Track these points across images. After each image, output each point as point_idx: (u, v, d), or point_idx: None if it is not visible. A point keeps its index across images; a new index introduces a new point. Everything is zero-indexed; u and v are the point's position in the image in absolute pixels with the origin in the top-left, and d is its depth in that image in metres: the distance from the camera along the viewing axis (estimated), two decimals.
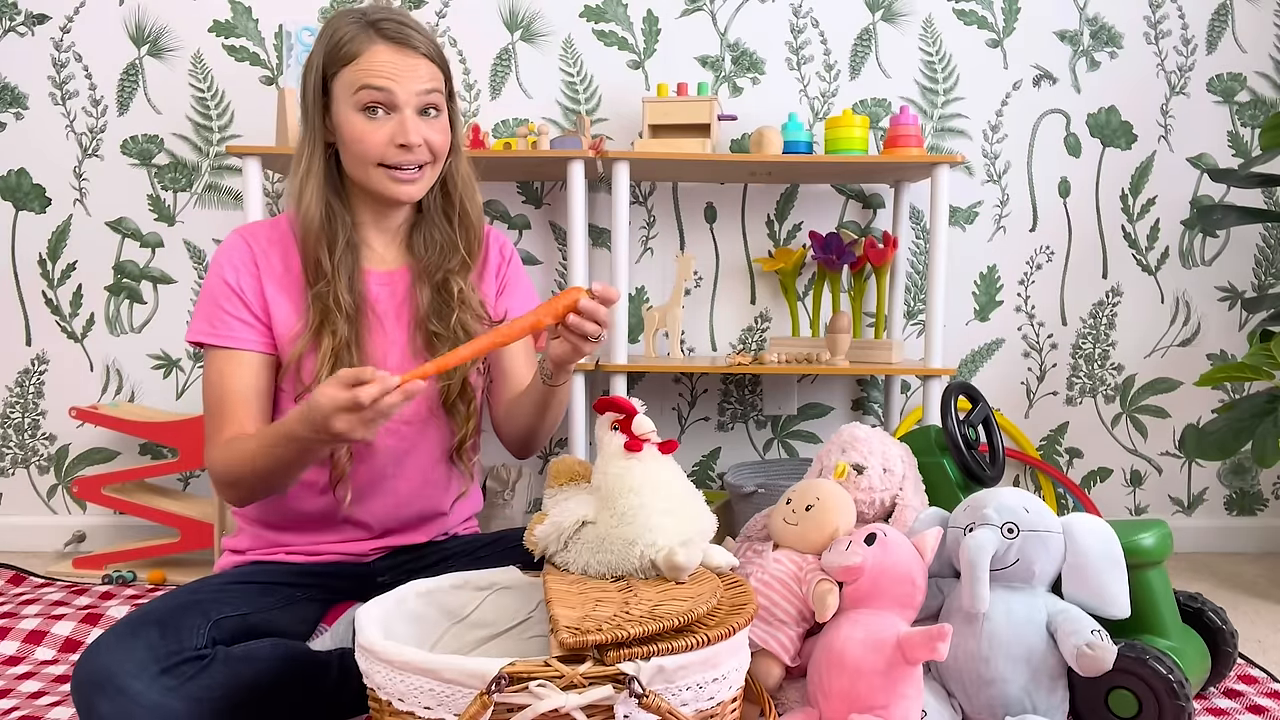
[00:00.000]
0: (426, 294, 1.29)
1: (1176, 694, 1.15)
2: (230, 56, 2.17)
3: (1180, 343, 2.29)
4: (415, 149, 1.21)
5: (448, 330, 1.28)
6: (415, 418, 1.29)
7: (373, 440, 1.02)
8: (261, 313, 1.25)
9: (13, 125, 2.18)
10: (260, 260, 1.26)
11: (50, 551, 2.19)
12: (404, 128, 1.19)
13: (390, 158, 1.21)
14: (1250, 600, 1.90)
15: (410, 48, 1.20)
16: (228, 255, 1.26)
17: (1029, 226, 2.26)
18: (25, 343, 2.23)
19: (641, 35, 2.20)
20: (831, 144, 1.95)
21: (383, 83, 1.18)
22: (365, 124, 1.19)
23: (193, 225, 2.20)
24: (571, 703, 0.80)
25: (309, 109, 1.24)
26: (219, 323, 1.23)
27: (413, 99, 1.20)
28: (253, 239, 1.28)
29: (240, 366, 1.22)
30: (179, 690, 1.00)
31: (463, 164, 1.32)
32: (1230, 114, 2.23)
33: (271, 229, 1.30)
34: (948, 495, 1.44)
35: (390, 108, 1.19)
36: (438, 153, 1.25)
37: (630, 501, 1.01)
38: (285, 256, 1.27)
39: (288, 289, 1.26)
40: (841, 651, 1.14)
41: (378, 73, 1.18)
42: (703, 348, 2.29)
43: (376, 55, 1.18)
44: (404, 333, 1.30)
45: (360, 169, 1.23)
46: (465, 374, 1.30)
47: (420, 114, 1.21)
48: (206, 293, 1.25)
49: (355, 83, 1.18)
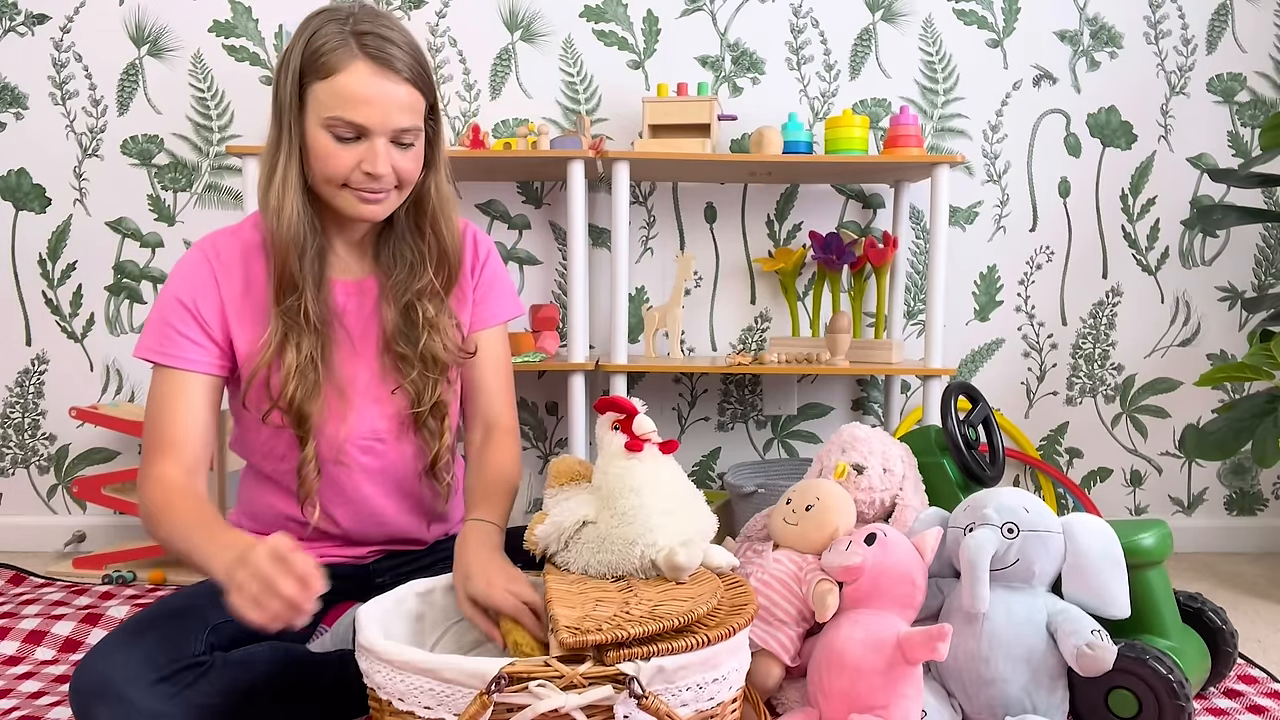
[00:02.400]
0: (392, 315, 1.24)
1: (1176, 694, 1.15)
2: (230, 56, 2.17)
3: (1180, 343, 2.29)
4: (382, 178, 1.15)
5: (415, 354, 1.23)
6: (388, 434, 1.26)
7: (258, 620, 0.89)
8: (219, 334, 1.19)
9: (13, 125, 2.18)
10: (221, 278, 1.20)
11: (50, 551, 2.19)
12: (374, 157, 1.12)
13: (355, 181, 1.14)
14: (1250, 600, 1.90)
15: (392, 70, 1.11)
16: (186, 274, 1.20)
17: (1029, 226, 2.26)
18: (25, 343, 2.23)
19: (641, 35, 2.20)
20: (831, 144, 1.95)
21: (357, 117, 1.10)
22: (333, 145, 1.12)
23: (193, 225, 2.20)
24: (571, 703, 0.80)
25: (284, 110, 1.14)
26: (168, 341, 1.18)
27: (386, 133, 1.13)
28: (214, 255, 1.21)
29: (185, 390, 1.17)
30: (178, 698, 1.00)
31: (441, 182, 1.24)
32: (1230, 114, 2.23)
33: (232, 238, 1.23)
34: (948, 495, 1.44)
35: (363, 136, 1.13)
36: (406, 180, 1.18)
37: (631, 501, 1.02)
38: (247, 269, 1.21)
39: (250, 304, 1.20)
40: (841, 651, 1.14)
41: (354, 101, 1.10)
42: (703, 348, 2.29)
43: (355, 76, 1.10)
44: (372, 350, 1.26)
45: (324, 186, 1.16)
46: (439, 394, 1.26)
47: (393, 142, 1.14)
48: (159, 309, 1.20)
49: (329, 105, 1.11)
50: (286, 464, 1.24)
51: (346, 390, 1.23)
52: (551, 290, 2.25)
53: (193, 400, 1.17)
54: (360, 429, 1.25)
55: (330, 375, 1.21)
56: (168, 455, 1.14)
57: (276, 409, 1.18)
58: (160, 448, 1.15)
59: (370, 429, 1.26)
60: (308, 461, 1.21)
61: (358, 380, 1.24)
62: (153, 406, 1.18)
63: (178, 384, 1.17)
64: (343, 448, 1.24)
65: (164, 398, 1.17)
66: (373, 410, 1.25)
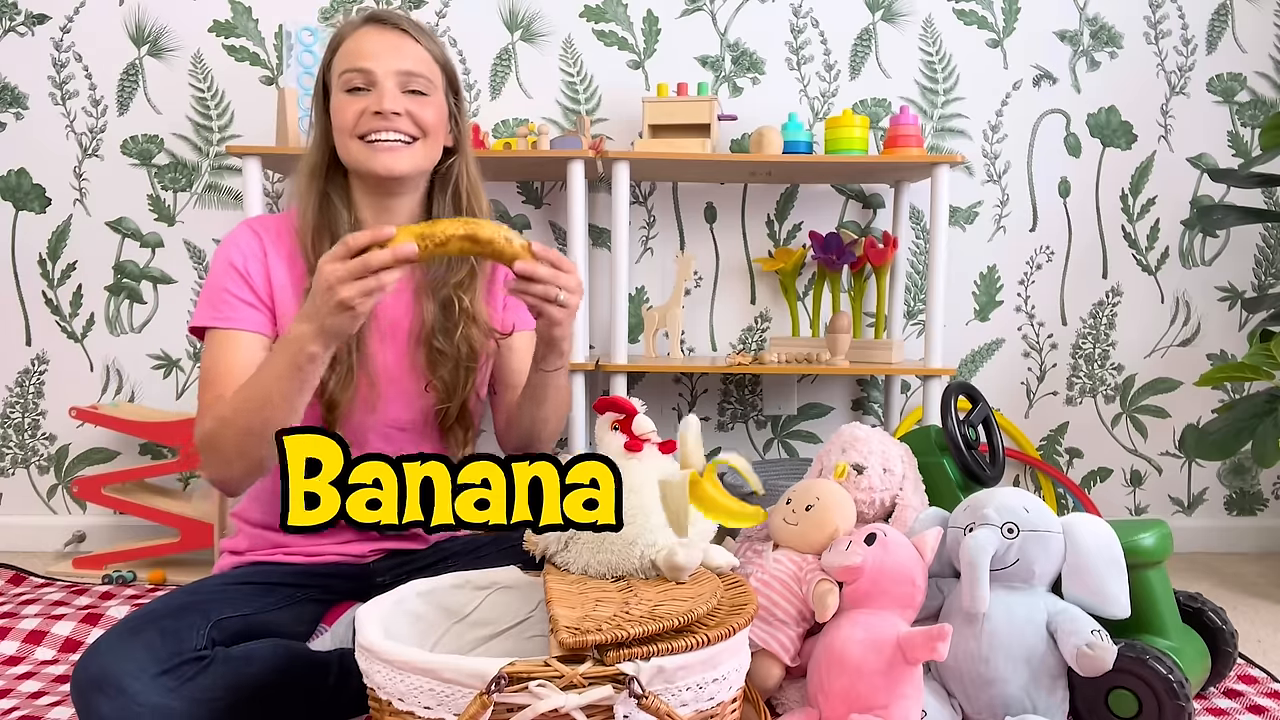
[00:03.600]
0: (432, 309, 1.28)
1: (1176, 694, 1.15)
2: (230, 56, 2.17)
3: (1180, 343, 2.29)
4: (392, 117, 1.20)
5: (451, 347, 1.27)
6: (411, 426, 1.29)
7: (366, 313, 1.01)
8: (267, 297, 1.24)
9: (13, 125, 2.18)
10: (269, 249, 1.26)
11: (50, 551, 2.19)
12: (380, 96, 1.19)
13: (364, 126, 1.20)
14: (1250, 600, 1.90)
15: (397, 29, 1.22)
16: (235, 241, 1.26)
17: (1029, 226, 2.26)
18: (25, 343, 2.23)
19: (641, 35, 2.20)
20: (831, 144, 1.95)
21: (362, 62, 1.20)
22: (347, 98, 1.21)
23: (193, 225, 2.20)
24: (571, 703, 0.80)
25: (315, 107, 1.28)
26: (221, 304, 1.22)
27: (392, 74, 1.20)
28: (262, 229, 1.28)
29: (240, 347, 1.21)
30: (179, 691, 1.00)
31: (471, 166, 1.32)
32: (1230, 114, 2.23)
33: (281, 221, 1.30)
34: (948, 495, 1.44)
35: (371, 84, 1.20)
36: (426, 128, 1.23)
37: (630, 502, 1.02)
38: (293, 249, 1.27)
39: (294, 281, 1.26)
40: (842, 651, 1.14)
41: (359, 53, 1.20)
42: (703, 348, 2.29)
43: (361, 38, 1.22)
44: (404, 343, 1.29)
45: (344, 148, 1.23)
46: (466, 397, 1.29)
47: (407, 92, 1.21)
48: (211, 279, 1.25)
49: (340, 67, 1.22)
50: None
51: (378, 380, 1.27)
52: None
53: (249, 357, 1.19)
54: (387, 417, 1.28)
55: (364, 364, 1.24)
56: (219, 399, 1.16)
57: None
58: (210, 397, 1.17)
59: (396, 418, 1.29)
60: None
61: (390, 371, 1.28)
62: (205, 368, 1.21)
63: (233, 343, 1.20)
64: (366, 436, 1.27)
65: (219, 355, 1.20)
66: (402, 402, 1.29)
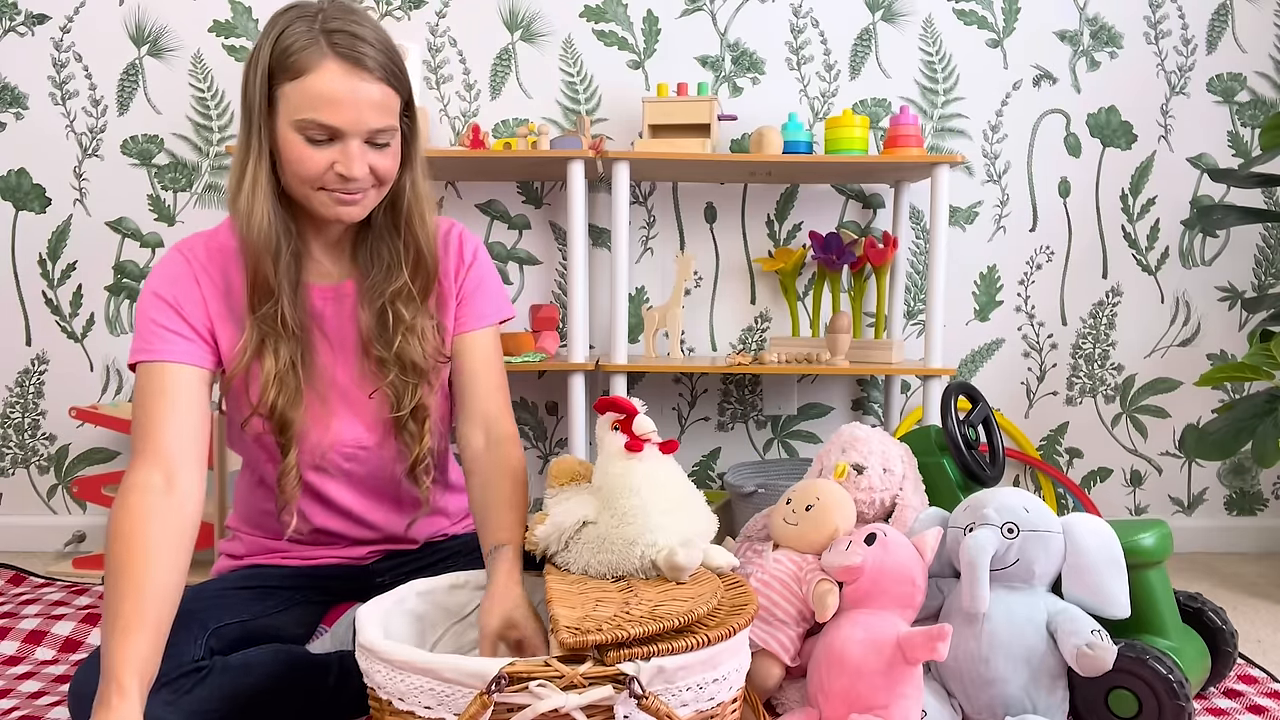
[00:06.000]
0: (368, 318, 1.21)
1: (1176, 694, 1.15)
2: (230, 56, 2.17)
3: (1180, 343, 2.29)
4: (357, 180, 1.11)
5: (391, 357, 1.21)
6: (370, 441, 1.25)
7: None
8: (204, 329, 1.15)
9: (13, 125, 2.18)
10: (201, 277, 1.17)
11: (50, 551, 2.19)
12: (348, 159, 1.09)
13: (330, 183, 1.11)
14: (1250, 600, 1.90)
15: (364, 69, 1.07)
16: (164, 272, 1.17)
17: (1029, 226, 2.26)
18: (25, 343, 2.23)
19: (641, 35, 2.20)
20: (831, 144, 1.95)
21: (329, 119, 1.07)
22: (306, 148, 1.09)
23: (193, 225, 2.20)
24: (571, 703, 0.80)
25: (253, 112, 1.10)
26: (151, 337, 1.12)
27: (361, 134, 1.10)
28: (191, 255, 1.18)
29: (168, 385, 1.11)
30: (177, 704, 1.00)
31: (418, 180, 1.20)
32: (1230, 114, 2.23)
33: (209, 241, 1.20)
34: (948, 495, 1.44)
35: (335, 139, 1.09)
36: (384, 178, 1.15)
37: (631, 502, 1.02)
38: (225, 272, 1.18)
39: (230, 307, 1.17)
40: (842, 651, 1.14)
41: (325, 102, 1.06)
42: (703, 348, 2.29)
43: (325, 76, 1.06)
44: (351, 352, 1.24)
45: (299, 189, 1.13)
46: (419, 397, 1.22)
47: (369, 142, 1.11)
48: (139, 309, 1.15)
49: (300, 107, 1.07)
50: (270, 469, 1.23)
51: (328, 396, 1.22)
52: (551, 290, 2.25)
53: (177, 396, 1.10)
54: (344, 435, 1.23)
55: (311, 381, 1.19)
56: (148, 460, 1.06)
57: (257, 415, 1.16)
58: (142, 452, 1.07)
59: (353, 436, 1.24)
60: (289, 469, 1.18)
61: (339, 385, 1.23)
62: (135, 407, 1.11)
63: (160, 379, 1.11)
64: (326, 454, 1.23)
65: (146, 396, 1.10)
66: (355, 415, 1.24)
